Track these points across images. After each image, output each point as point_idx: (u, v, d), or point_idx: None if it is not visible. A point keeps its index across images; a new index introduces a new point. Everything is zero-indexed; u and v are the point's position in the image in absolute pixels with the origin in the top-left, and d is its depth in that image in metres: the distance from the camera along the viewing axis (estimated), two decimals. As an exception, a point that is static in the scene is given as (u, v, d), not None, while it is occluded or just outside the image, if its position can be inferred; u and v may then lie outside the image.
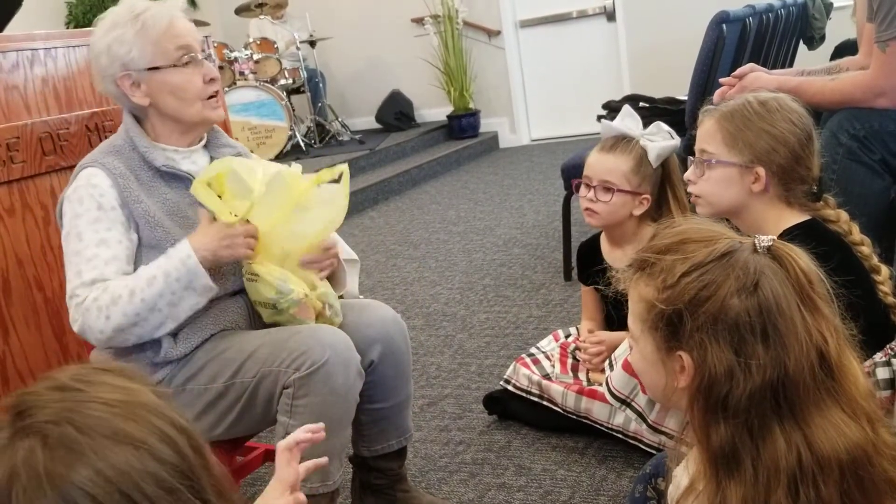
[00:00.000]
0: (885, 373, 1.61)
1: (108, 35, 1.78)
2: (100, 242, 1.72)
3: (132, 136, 1.83)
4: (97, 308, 1.66)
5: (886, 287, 1.69)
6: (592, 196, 2.26)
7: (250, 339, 1.75)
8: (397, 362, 1.94)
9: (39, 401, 0.79)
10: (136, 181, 1.79)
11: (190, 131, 1.88)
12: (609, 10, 7.39)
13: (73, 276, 1.72)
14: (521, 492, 2.10)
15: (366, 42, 8.14)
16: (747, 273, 1.05)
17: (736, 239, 1.10)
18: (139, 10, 1.78)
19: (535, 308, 3.40)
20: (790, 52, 4.68)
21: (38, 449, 0.74)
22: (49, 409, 0.77)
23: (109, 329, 1.66)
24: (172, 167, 1.83)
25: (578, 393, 2.24)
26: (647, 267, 1.13)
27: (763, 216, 1.74)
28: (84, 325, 1.69)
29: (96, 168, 1.78)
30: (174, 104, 1.81)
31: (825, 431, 1.01)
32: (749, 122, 1.72)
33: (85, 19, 7.79)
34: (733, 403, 1.02)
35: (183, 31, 1.81)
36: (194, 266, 1.68)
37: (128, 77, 1.79)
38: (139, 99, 1.81)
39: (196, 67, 1.81)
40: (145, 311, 1.66)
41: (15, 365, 2.24)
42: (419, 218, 5.43)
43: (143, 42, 1.77)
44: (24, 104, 2.29)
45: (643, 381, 1.21)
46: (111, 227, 1.74)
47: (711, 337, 1.04)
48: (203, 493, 0.80)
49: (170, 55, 1.78)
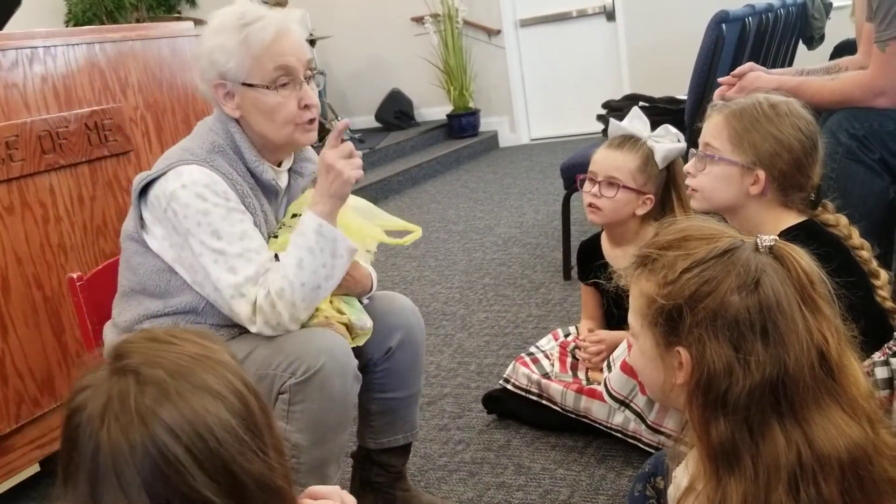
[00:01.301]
0: (883, 372, 1.61)
1: (213, 38, 1.71)
2: (242, 235, 1.66)
3: (238, 143, 1.75)
4: (270, 304, 1.63)
5: (885, 291, 1.69)
6: (597, 191, 2.26)
7: (247, 340, 1.74)
8: (414, 352, 1.96)
9: (136, 347, 0.89)
10: (245, 186, 1.74)
11: (278, 151, 1.82)
12: (609, 10, 7.39)
13: (225, 275, 1.64)
14: (521, 491, 2.10)
15: (366, 41, 8.14)
16: (748, 271, 1.05)
17: (738, 237, 1.11)
18: (248, 19, 1.69)
19: (535, 307, 3.40)
20: (789, 52, 4.68)
21: (132, 385, 0.85)
22: (143, 355, 0.88)
23: (287, 320, 1.64)
24: (273, 180, 1.79)
25: (578, 392, 2.24)
26: (648, 263, 1.13)
27: (758, 217, 1.74)
28: (265, 323, 1.65)
29: (206, 167, 1.69)
30: (263, 123, 1.74)
31: (825, 430, 1.01)
32: (757, 123, 1.71)
33: (84, 18, 7.78)
34: (732, 400, 1.03)
35: (287, 49, 1.71)
36: (330, 232, 1.65)
37: (222, 86, 1.72)
38: (230, 110, 1.74)
39: (293, 91, 1.72)
40: (311, 292, 1.65)
41: (14, 363, 2.24)
42: (419, 217, 5.43)
43: (242, 55, 1.68)
44: (24, 102, 2.29)
45: (642, 378, 1.21)
46: (244, 219, 1.68)
47: (710, 333, 1.04)
48: (264, 448, 0.88)
49: (267, 74, 1.70)
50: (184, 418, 0.83)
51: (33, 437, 2.31)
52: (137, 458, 0.82)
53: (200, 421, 0.84)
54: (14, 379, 2.24)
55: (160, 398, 0.84)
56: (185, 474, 0.82)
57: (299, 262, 1.64)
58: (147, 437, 0.82)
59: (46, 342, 2.33)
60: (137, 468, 0.82)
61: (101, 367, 0.89)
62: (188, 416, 0.84)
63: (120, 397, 0.84)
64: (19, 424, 2.25)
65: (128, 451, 0.82)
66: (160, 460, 0.82)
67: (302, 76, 1.74)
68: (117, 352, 0.90)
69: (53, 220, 2.35)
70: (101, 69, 2.49)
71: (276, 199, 1.84)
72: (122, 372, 0.86)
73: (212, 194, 1.66)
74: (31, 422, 2.29)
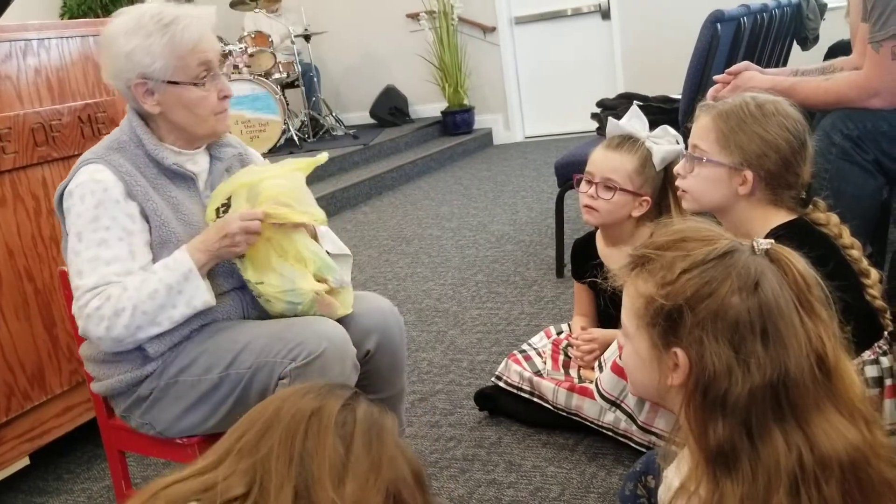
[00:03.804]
0: (873, 371, 1.61)
1: (131, 40, 1.73)
2: (100, 242, 1.70)
3: (139, 134, 1.80)
4: (99, 317, 1.67)
5: (875, 291, 1.69)
6: (594, 193, 2.25)
7: (245, 330, 1.75)
8: (393, 354, 1.95)
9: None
10: (143, 178, 1.77)
11: (196, 141, 1.87)
12: (604, 8, 7.39)
13: (74, 276, 1.72)
14: (512, 488, 2.10)
15: (361, 37, 8.13)
16: (748, 273, 1.05)
17: (735, 240, 1.11)
18: (168, 20, 1.73)
19: (528, 305, 3.40)
20: (784, 53, 4.69)
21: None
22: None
23: (109, 339, 1.68)
24: (181, 166, 1.82)
25: (569, 390, 2.24)
26: (645, 263, 1.13)
27: (748, 216, 1.74)
28: (85, 330, 1.70)
29: (100, 164, 1.75)
30: (186, 118, 1.80)
31: (826, 433, 1.02)
32: (743, 123, 1.71)
33: (80, 10, 7.77)
34: (732, 402, 1.03)
35: (208, 46, 1.78)
36: (195, 281, 1.69)
37: (143, 85, 1.76)
38: (150, 107, 1.78)
39: (213, 84, 1.79)
40: (146, 324, 1.68)
41: (4, 356, 2.24)
42: (412, 213, 5.43)
43: (168, 56, 1.72)
44: (17, 94, 2.28)
45: (633, 379, 1.21)
46: (110, 226, 1.71)
47: (710, 334, 1.04)
48: None
49: (191, 71, 1.75)
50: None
51: (23, 430, 2.30)
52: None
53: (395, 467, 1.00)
54: (4, 372, 2.23)
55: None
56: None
57: (152, 293, 1.67)
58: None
59: (37, 335, 2.32)
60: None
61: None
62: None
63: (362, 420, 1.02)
64: (9, 417, 2.25)
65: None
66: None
67: (218, 69, 1.81)
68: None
69: (46, 213, 2.34)
70: (94, 62, 2.48)
71: (193, 184, 1.85)
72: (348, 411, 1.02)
73: (89, 195, 1.72)
74: (21, 415, 2.28)
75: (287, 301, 1.76)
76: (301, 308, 1.78)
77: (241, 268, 1.79)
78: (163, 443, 1.83)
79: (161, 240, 1.75)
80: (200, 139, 1.87)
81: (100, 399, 1.93)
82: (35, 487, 2.42)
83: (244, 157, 1.98)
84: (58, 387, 2.37)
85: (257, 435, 0.98)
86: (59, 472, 2.50)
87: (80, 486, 2.40)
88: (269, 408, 1.01)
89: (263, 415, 1.00)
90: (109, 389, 1.80)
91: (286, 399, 1.01)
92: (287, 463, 0.94)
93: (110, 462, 2.04)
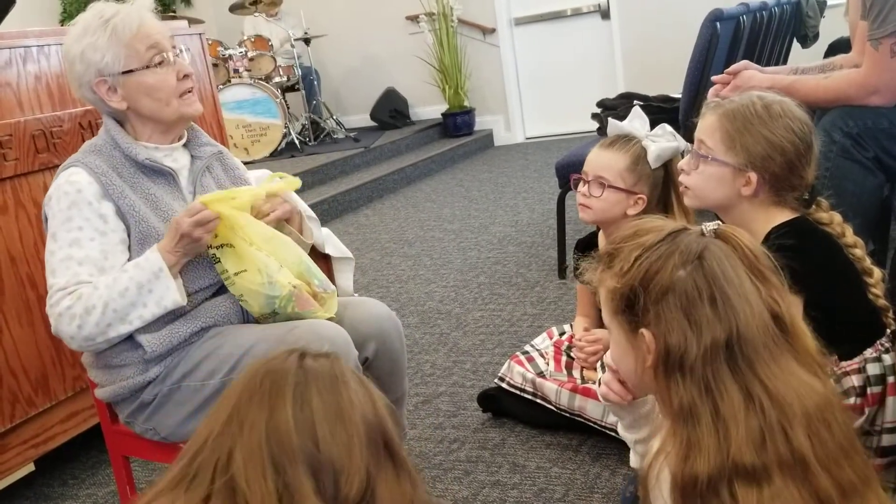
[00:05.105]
0: (875, 368, 1.61)
1: (81, 42, 1.78)
2: (72, 242, 1.73)
3: (113, 135, 1.83)
4: (70, 316, 1.68)
5: (878, 289, 1.69)
6: (586, 191, 2.26)
7: (247, 334, 1.76)
8: (392, 359, 1.94)
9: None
10: (119, 177, 1.79)
11: (170, 130, 1.89)
12: (603, 8, 7.40)
13: (48, 275, 1.74)
14: (516, 489, 2.10)
15: (361, 39, 8.14)
16: (690, 249, 1.14)
17: (684, 225, 1.20)
18: (108, 15, 1.78)
19: (530, 306, 3.40)
20: (784, 51, 4.69)
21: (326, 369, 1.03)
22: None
23: (80, 337, 1.69)
24: (155, 161, 1.84)
25: (572, 391, 2.24)
26: (610, 260, 1.22)
27: (750, 216, 1.73)
28: (57, 329, 1.72)
29: (77, 167, 1.79)
30: (151, 105, 1.82)
31: (787, 383, 1.08)
32: (750, 124, 1.70)
33: (79, 16, 7.77)
34: (689, 363, 1.10)
35: (152, 30, 1.81)
36: (165, 280, 1.70)
37: (104, 82, 1.80)
38: (116, 103, 1.81)
39: (168, 66, 1.82)
40: (117, 322, 1.69)
41: (8, 362, 2.24)
42: (414, 216, 5.43)
43: (115, 46, 1.77)
44: (17, 101, 2.29)
45: (620, 370, 1.28)
46: (83, 226, 1.74)
47: (664, 308, 1.12)
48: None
49: (142, 56, 1.79)
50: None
51: (28, 437, 2.31)
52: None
53: (357, 412, 0.99)
54: (8, 378, 2.24)
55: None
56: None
57: (123, 291, 1.68)
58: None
59: (40, 341, 2.33)
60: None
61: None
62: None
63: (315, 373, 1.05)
64: (14, 424, 2.25)
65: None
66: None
67: (172, 52, 1.83)
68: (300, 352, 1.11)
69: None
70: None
71: (173, 180, 1.87)
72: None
73: (63, 196, 1.75)
74: (25, 421, 2.29)
75: (265, 294, 1.75)
76: (279, 304, 1.76)
77: (217, 261, 1.79)
78: (167, 448, 1.83)
79: (142, 236, 1.77)
80: (172, 126, 1.88)
81: (103, 405, 1.94)
82: (40, 493, 2.43)
83: (223, 157, 2.00)
84: (62, 392, 2.38)
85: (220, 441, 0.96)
86: (65, 477, 2.50)
87: (85, 492, 2.40)
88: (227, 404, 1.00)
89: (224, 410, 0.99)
90: (113, 395, 1.81)
91: (241, 392, 1.02)
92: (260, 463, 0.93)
93: (115, 467, 2.05)
